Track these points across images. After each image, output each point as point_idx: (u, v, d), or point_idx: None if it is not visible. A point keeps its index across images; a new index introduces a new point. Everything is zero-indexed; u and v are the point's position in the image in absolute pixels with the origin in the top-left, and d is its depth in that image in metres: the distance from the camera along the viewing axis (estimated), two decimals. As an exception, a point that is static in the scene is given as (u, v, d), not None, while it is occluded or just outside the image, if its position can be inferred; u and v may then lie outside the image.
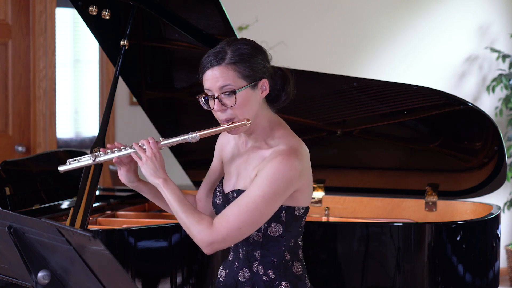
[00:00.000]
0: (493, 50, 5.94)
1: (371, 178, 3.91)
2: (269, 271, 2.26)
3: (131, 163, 2.34)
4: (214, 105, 2.20)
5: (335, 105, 3.54)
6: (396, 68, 5.93)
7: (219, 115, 2.22)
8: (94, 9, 3.26)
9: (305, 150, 2.26)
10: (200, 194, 2.47)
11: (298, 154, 2.20)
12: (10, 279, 2.25)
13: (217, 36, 3.28)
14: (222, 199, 2.32)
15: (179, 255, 3.02)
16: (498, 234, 3.35)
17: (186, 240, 3.04)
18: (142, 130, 5.09)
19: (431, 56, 6.00)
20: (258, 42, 2.31)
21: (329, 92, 3.46)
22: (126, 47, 3.26)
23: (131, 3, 3.23)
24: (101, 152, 2.32)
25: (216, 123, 2.26)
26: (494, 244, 3.32)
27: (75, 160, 2.36)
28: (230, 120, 2.20)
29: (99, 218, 3.51)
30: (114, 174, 5.43)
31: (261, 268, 2.27)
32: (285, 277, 2.26)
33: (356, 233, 3.15)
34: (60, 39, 5.45)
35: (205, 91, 2.22)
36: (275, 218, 2.22)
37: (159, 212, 3.85)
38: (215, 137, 2.35)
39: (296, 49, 5.58)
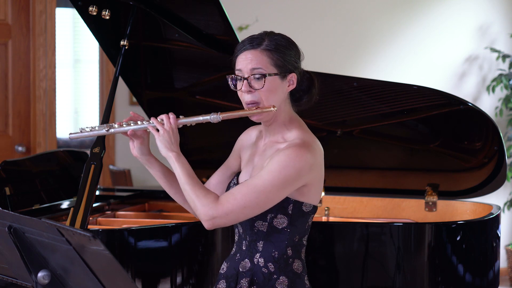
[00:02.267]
0: (493, 50, 5.94)
1: (371, 178, 3.91)
2: (269, 264, 2.28)
3: (144, 136, 2.36)
4: (242, 86, 2.25)
5: (335, 105, 3.54)
6: (396, 68, 5.93)
7: (244, 97, 2.27)
8: (94, 9, 3.26)
9: (319, 147, 2.30)
10: (210, 184, 2.48)
11: (310, 148, 2.25)
12: (10, 279, 2.25)
13: (217, 36, 3.28)
14: None
15: (179, 255, 3.02)
16: (498, 234, 3.35)
17: (186, 240, 3.04)
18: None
19: (431, 56, 6.00)
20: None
21: (329, 92, 3.45)
22: (126, 47, 3.26)
23: (131, 3, 3.23)
24: (116, 124, 2.34)
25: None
26: (494, 244, 3.32)
27: (87, 127, 2.38)
28: (254, 104, 2.26)
29: (99, 218, 3.51)
30: (114, 174, 5.43)
31: (261, 260, 2.28)
32: (284, 272, 2.28)
33: (356, 233, 3.15)
34: (60, 39, 5.45)
35: (236, 72, 2.28)
36: (282, 209, 2.25)
37: (159, 212, 3.85)
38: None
39: (296, 49, 5.57)
